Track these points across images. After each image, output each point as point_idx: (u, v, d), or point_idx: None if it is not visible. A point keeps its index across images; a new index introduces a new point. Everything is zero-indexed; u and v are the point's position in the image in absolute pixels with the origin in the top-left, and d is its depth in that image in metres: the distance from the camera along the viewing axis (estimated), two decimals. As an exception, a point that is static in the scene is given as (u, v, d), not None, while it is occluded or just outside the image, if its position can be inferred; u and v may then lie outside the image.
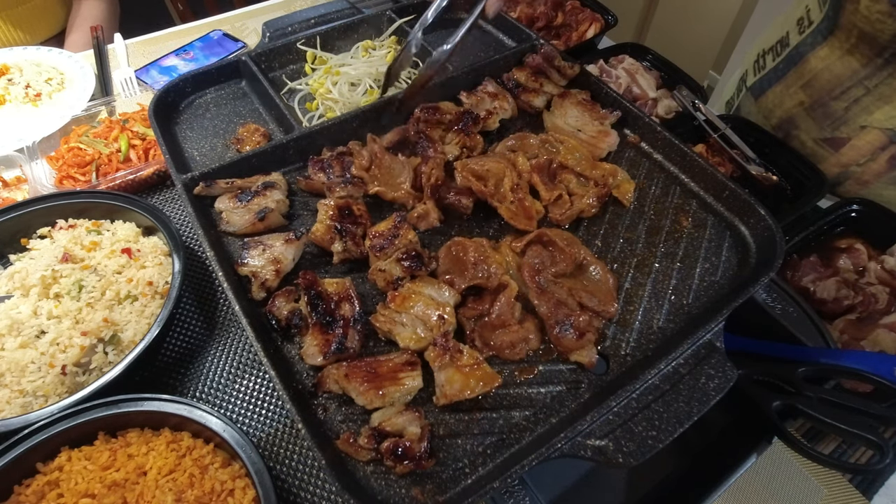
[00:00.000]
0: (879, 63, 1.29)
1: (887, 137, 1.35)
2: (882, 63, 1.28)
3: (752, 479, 1.02)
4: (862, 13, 1.24)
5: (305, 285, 0.91)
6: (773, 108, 1.58)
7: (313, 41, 1.44)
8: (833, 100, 1.41)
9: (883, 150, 1.37)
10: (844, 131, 1.42)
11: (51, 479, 0.82)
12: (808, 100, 1.47)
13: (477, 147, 1.19)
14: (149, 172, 1.35)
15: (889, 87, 1.30)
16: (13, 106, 1.62)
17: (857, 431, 0.83)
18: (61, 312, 1.00)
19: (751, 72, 1.70)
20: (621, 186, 1.12)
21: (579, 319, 0.90)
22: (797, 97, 1.49)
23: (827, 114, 1.43)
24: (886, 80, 1.29)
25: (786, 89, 1.53)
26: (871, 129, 1.37)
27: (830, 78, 1.40)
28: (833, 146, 1.44)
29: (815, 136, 1.47)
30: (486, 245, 0.98)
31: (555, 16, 1.83)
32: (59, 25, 2.19)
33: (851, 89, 1.36)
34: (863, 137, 1.39)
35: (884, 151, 1.37)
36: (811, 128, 1.48)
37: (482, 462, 0.80)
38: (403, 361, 0.85)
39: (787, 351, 1.02)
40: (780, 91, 1.55)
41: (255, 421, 1.00)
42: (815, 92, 1.44)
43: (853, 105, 1.37)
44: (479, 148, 1.19)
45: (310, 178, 1.10)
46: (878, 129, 1.36)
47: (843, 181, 1.49)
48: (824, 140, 1.45)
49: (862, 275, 1.23)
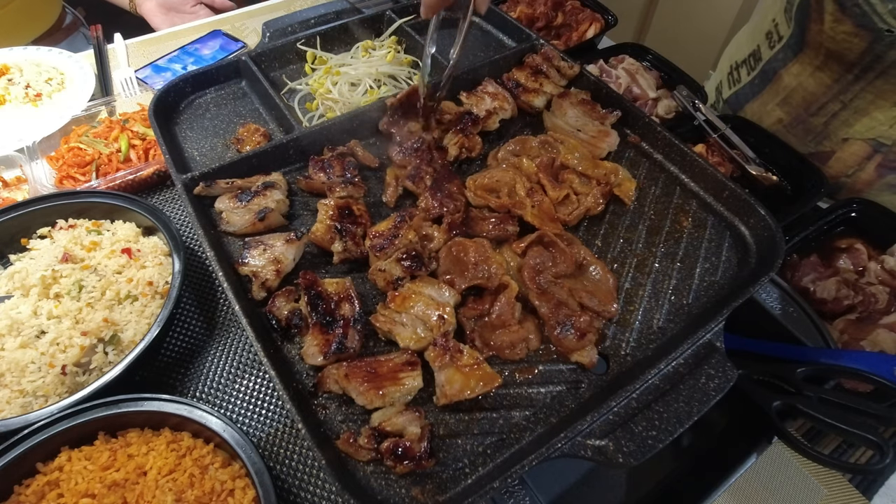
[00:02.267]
0: (850, 79, 1.27)
1: (871, 147, 1.34)
2: (853, 78, 1.27)
3: (752, 479, 1.02)
4: (827, 33, 1.23)
5: (305, 285, 0.91)
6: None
7: (313, 41, 1.44)
8: (811, 116, 1.40)
9: (869, 160, 1.37)
10: (827, 145, 1.41)
11: (51, 479, 0.82)
12: (786, 117, 1.46)
13: (475, 148, 1.18)
14: (149, 172, 1.35)
15: (864, 100, 1.29)
16: (13, 106, 1.62)
17: (857, 431, 0.83)
18: (61, 312, 1.00)
19: (725, 83, 1.69)
20: (623, 185, 1.12)
21: (580, 320, 0.90)
22: (775, 114, 1.48)
23: (808, 130, 1.43)
24: (860, 94, 1.28)
25: (763, 106, 1.52)
26: (854, 141, 1.36)
27: (805, 95, 1.39)
28: (819, 160, 1.43)
29: (801, 151, 1.46)
30: (487, 245, 0.98)
31: (555, 16, 1.83)
32: (44, 26, 2.17)
33: (828, 105, 1.35)
34: (847, 150, 1.38)
35: (870, 160, 1.37)
36: (795, 143, 1.47)
37: (482, 462, 0.80)
38: (403, 361, 0.85)
39: (787, 351, 1.02)
40: (757, 107, 1.54)
41: (255, 421, 1.00)
42: (793, 109, 1.43)
43: (832, 119, 1.36)
44: (478, 149, 1.19)
45: (310, 177, 1.10)
46: (860, 140, 1.35)
47: (838, 191, 1.48)
48: (809, 155, 1.44)
49: (862, 275, 1.23)
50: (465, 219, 1.03)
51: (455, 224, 1.01)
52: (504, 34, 1.54)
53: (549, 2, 1.84)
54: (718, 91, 1.75)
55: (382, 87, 1.40)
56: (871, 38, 1.15)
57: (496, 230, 1.02)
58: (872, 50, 1.17)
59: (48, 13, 2.17)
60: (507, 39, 1.53)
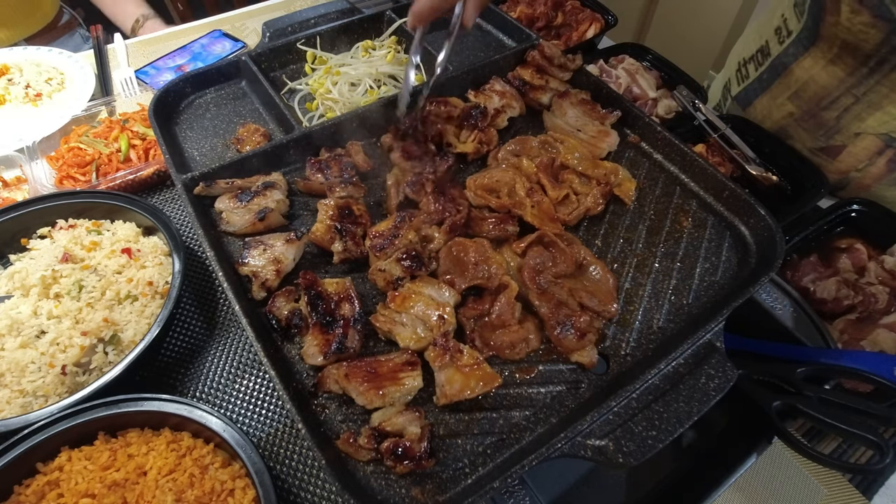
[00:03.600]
0: (865, 72, 1.27)
1: (883, 142, 1.34)
2: (867, 72, 1.27)
3: (752, 479, 1.02)
4: (843, 24, 1.22)
5: (306, 285, 0.91)
6: (762, 119, 1.57)
7: (313, 41, 1.44)
8: (823, 110, 1.39)
9: (880, 154, 1.36)
10: (839, 139, 1.40)
11: (51, 479, 0.82)
12: (797, 111, 1.45)
13: (492, 141, 1.20)
14: (149, 172, 1.35)
15: (878, 93, 1.28)
16: (13, 106, 1.62)
17: (857, 431, 0.83)
18: (61, 312, 1.00)
19: (734, 81, 1.68)
20: (623, 185, 1.12)
21: (580, 320, 0.90)
22: (786, 108, 1.48)
23: (819, 124, 1.42)
24: (875, 88, 1.28)
25: (772, 100, 1.51)
26: (866, 136, 1.35)
27: (817, 88, 1.38)
28: (829, 154, 1.43)
29: (810, 145, 1.46)
30: (487, 245, 0.98)
31: (555, 16, 1.83)
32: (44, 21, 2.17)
33: (840, 98, 1.35)
34: (858, 144, 1.38)
35: (881, 155, 1.36)
36: (804, 138, 1.47)
37: (482, 462, 0.80)
38: (403, 361, 0.85)
39: (787, 351, 1.02)
40: (766, 102, 1.54)
41: (255, 421, 1.00)
42: (804, 103, 1.43)
43: (844, 114, 1.36)
44: (495, 142, 1.20)
45: (308, 179, 1.10)
46: (872, 134, 1.34)
47: (844, 186, 1.48)
48: (819, 149, 1.44)
49: (862, 275, 1.23)
50: (465, 220, 1.03)
51: (456, 225, 1.01)
52: (504, 34, 1.54)
53: (549, 2, 1.84)
54: (727, 89, 1.74)
55: (382, 87, 1.40)
56: (888, 29, 1.14)
57: (496, 230, 1.02)
58: (889, 41, 1.17)
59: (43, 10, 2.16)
60: (507, 39, 1.52)
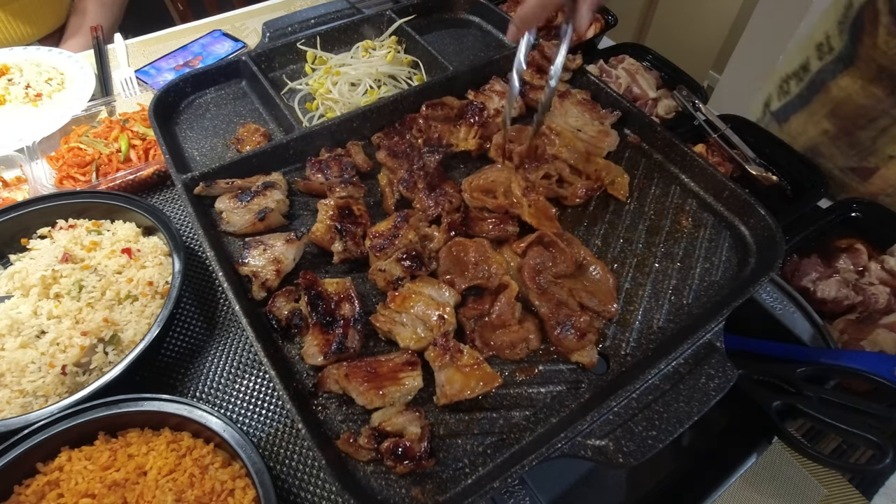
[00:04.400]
0: None
1: None
2: None
3: (752, 479, 1.02)
4: (880, 48, 1.21)
5: (306, 285, 0.91)
6: (796, 135, 1.54)
7: (313, 41, 1.44)
8: (859, 129, 1.37)
9: None
10: (872, 161, 1.38)
11: (51, 479, 0.82)
12: (833, 128, 1.43)
13: (493, 135, 1.19)
14: (149, 172, 1.35)
15: None
16: (13, 106, 1.62)
17: (857, 431, 0.83)
18: (61, 312, 1.00)
19: (774, 96, 1.67)
20: (616, 182, 1.12)
21: (580, 320, 0.90)
22: (822, 125, 1.46)
23: (853, 143, 1.40)
24: None
25: (810, 117, 1.49)
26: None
27: (855, 107, 1.36)
28: (861, 176, 1.41)
29: (842, 164, 1.43)
30: (487, 245, 0.98)
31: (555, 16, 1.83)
32: (61, 18, 2.18)
33: (878, 119, 1.33)
34: (892, 167, 1.35)
35: None
36: (837, 157, 1.44)
37: (482, 462, 0.80)
38: (403, 361, 0.85)
39: (787, 351, 1.02)
40: (804, 118, 1.52)
41: (255, 421, 1.00)
42: (841, 121, 1.40)
43: (881, 135, 1.34)
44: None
45: (308, 179, 1.10)
46: None
47: None
48: (851, 169, 1.42)
49: (862, 275, 1.23)
50: (464, 219, 1.03)
51: (454, 224, 1.01)
52: (504, 34, 1.54)
53: (549, 2, 1.83)
54: (766, 105, 1.71)
55: (382, 87, 1.40)
56: None
57: (496, 230, 1.02)
58: None
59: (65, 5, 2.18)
60: (507, 39, 1.52)
